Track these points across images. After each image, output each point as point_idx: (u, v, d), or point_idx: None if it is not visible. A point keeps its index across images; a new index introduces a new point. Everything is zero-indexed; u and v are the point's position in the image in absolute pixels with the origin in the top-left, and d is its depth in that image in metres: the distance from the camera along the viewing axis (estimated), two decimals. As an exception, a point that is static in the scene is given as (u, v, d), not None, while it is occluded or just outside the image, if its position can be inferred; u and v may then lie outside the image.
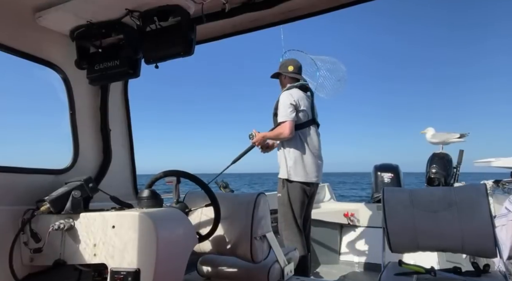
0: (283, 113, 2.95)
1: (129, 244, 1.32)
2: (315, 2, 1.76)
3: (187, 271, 1.85)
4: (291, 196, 2.96)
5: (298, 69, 3.21)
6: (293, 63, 3.21)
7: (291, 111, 2.94)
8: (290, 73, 3.17)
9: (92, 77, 1.86)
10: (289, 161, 2.98)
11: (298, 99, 3.00)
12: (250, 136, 3.18)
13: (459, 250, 2.04)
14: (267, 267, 1.92)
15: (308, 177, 2.98)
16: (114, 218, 1.37)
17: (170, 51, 1.65)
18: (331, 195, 4.58)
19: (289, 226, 2.93)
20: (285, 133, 2.93)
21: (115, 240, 1.35)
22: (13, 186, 1.63)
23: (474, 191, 2.08)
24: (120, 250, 1.33)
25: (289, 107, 2.95)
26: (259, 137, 3.13)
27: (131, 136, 2.32)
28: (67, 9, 1.62)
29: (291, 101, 2.96)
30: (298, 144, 3.01)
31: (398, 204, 2.18)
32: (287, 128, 2.92)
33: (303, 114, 3.03)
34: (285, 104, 2.96)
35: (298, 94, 3.05)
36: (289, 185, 2.98)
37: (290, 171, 2.97)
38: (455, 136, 4.36)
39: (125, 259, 1.32)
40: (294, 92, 3.04)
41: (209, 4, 1.64)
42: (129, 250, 1.31)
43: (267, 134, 3.10)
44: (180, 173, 1.79)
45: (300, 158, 2.99)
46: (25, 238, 1.53)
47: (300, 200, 2.97)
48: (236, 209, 1.88)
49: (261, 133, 3.13)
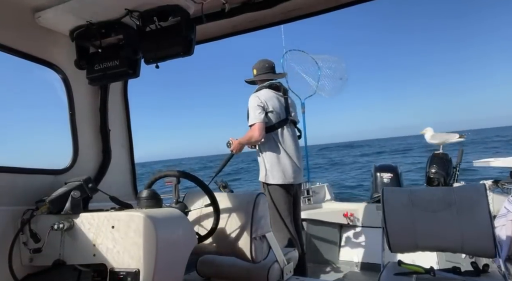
0: (251, 115, 2.90)
1: (129, 244, 1.32)
2: (315, 2, 1.76)
3: (187, 271, 1.85)
4: (273, 198, 2.93)
5: (263, 69, 3.11)
6: (257, 66, 3.15)
7: (259, 113, 2.88)
8: (255, 76, 3.14)
9: (91, 77, 1.86)
10: (267, 164, 2.96)
11: (265, 100, 2.93)
12: (228, 144, 3.14)
13: (459, 250, 2.05)
14: (267, 267, 1.92)
15: (286, 179, 2.94)
16: (114, 218, 1.37)
17: (170, 51, 1.65)
18: (330, 195, 4.59)
19: (279, 228, 2.90)
20: (255, 136, 2.87)
21: (114, 240, 1.35)
22: (12, 186, 1.63)
23: (474, 191, 2.09)
24: (119, 250, 1.33)
25: (256, 109, 2.89)
26: (235, 145, 3.08)
27: (131, 136, 2.32)
28: (66, 9, 1.62)
29: (258, 102, 2.91)
30: (273, 146, 2.97)
31: (397, 204, 2.18)
32: (257, 130, 2.86)
33: (274, 115, 2.95)
34: (252, 106, 2.91)
35: (266, 95, 2.97)
36: (269, 188, 2.95)
37: (268, 174, 2.94)
38: (454, 136, 4.37)
39: (124, 259, 1.31)
40: (262, 93, 2.97)
41: (209, 4, 1.63)
42: (129, 250, 1.31)
43: (241, 140, 3.05)
44: (180, 173, 1.79)
45: (276, 160, 2.94)
46: (25, 238, 1.53)
47: (284, 200, 2.94)
48: (236, 209, 1.88)
49: (237, 140, 3.09)
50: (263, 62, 3.16)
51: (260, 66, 3.14)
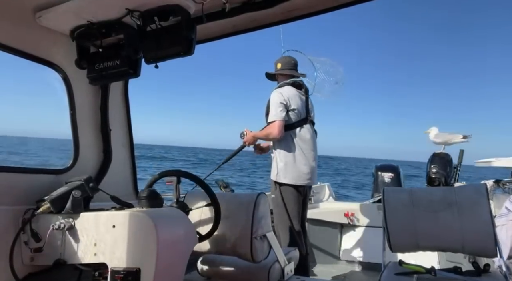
0: (273, 112, 2.87)
1: (130, 243, 1.32)
2: (315, 2, 1.76)
3: (187, 271, 1.85)
4: (284, 197, 2.90)
5: (288, 65, 3.10)
6: (282, 60, 3.13)
7: (281, 111, 2.85)
8: (278, 70, 3.10)
9: (92, 76, 1.86)
10: (280, 163, 2.91)
11: (288, 98, 2.89)
12: (242, 135, 3.12)
13: (460, 249, 2.04)
14: (267, 267, 1.92)
15: (300, 179, 2.89)
16: (115, 218, 1.37)
17: (170, 51, 1.65)
18: (331, 195, 4.59)
19: (285, 227, 2.88)
20: (274, 133, 2.84)
21: (115, 239, 1.35)
22: (13, 185, 1.63)
23: (474, 191, 2.08)
24: (120, 250, 1.33)
25: (278, 106, 2.85)
26: (249, 137, 3.06)
27: (131, 135, 2.32)
28: (67, 8, 1.62)
29: (281, 100, 2.87)
30: (289, 145, 2.92)
31: (398, 204, 2.18)
32: (276, 128, 2.83)
33: (295, 113, 2.92)
34: (274, 103, 2.88)
35: (289, 92, 2.94)
36: (281, 188, 2.91)
37: (280, 173, 2.89)
38: (458, 137, 4.36)
39: (125, 259, 1.32)
40: (285, 90, 2.94)
41: (209, 4, 1.63)
42: (130, 250, 1.31)
43: (257, 134, 3.03)
44: (181, 173, 1.79)
45: (291, 160, 2.90)
46: (26, 237, 1.53)
47: (294, 201, 2.90)
48: (236, 209, 1.88)
49: (252, 133, 3.07)
50: (288, 58, 3.15)
51: (285, 61, 3.12)
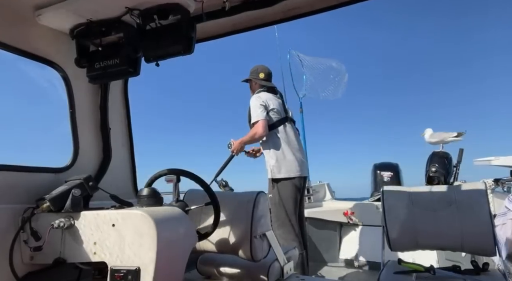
0: (254, 114, 3.06)
1: (129, 242, 1.32)
2: (315, 0, 1.76)
3: (187, 270, 1.85)
4: (281, 194, 3.02)
5: (268, 76, 3.33)
6: (265, 70, 3.31)
7: (262, 111, 3.04)
8: (261, 80, 3.28)
9: (92, 75, 1.86)
10: (271, 160, 3.08)
11: (266, 100, 3.11)
12: (229, 145, 3.24)
13: (459, 248, 2.05)
14: (267, 266, 1.92)
15: (293, 171, 3.04)
16: (114, 217, 1.37)
17: (170, 50, 1.65)
18: (330, 194, 4.59)
19: (283, 225, 2.97)
20: (259, 132, 3.01)
21: (115, 238, 1.35)
22: (13, 184, 1.63)
23: (474, 190, 2.09)
24: (120, 249, 1.33)
25: (258, 107, 3.05)
26: (236, 145, 3.20)
27: (131, 134, 2.32)
28: (67, 7, 1.62)
29: (260, 102, 3.07)
30: (276, 143, 3.10)
31: (397, 203, 2.18)
32: (260, 127, 3.01)
33: (275, 112, 3.12)
34: (254, 106, 3.09)
35: (266, 96, 3.16)
36: (278, 184, 3.04)
37: (274, 170, 3.05)
38: (452, 135, 4.38)
39: (125, 258, 1.32)
40: (262, 95, 3.16)
41: (209, 3, 1.63)
42: (129, 249, 1.31)
43: (243, 139, 3.17)
44: (180, 171, 1.79)
45: (281, 155, 3.07)
46: (25, 236, 1.53)
47: (292, 197, 3.02)
48: (236, 208, 1.88)
49: (238, 140, 3.20)
50: (268, 69, 3.36)
51: (267, 72, 3.33)
